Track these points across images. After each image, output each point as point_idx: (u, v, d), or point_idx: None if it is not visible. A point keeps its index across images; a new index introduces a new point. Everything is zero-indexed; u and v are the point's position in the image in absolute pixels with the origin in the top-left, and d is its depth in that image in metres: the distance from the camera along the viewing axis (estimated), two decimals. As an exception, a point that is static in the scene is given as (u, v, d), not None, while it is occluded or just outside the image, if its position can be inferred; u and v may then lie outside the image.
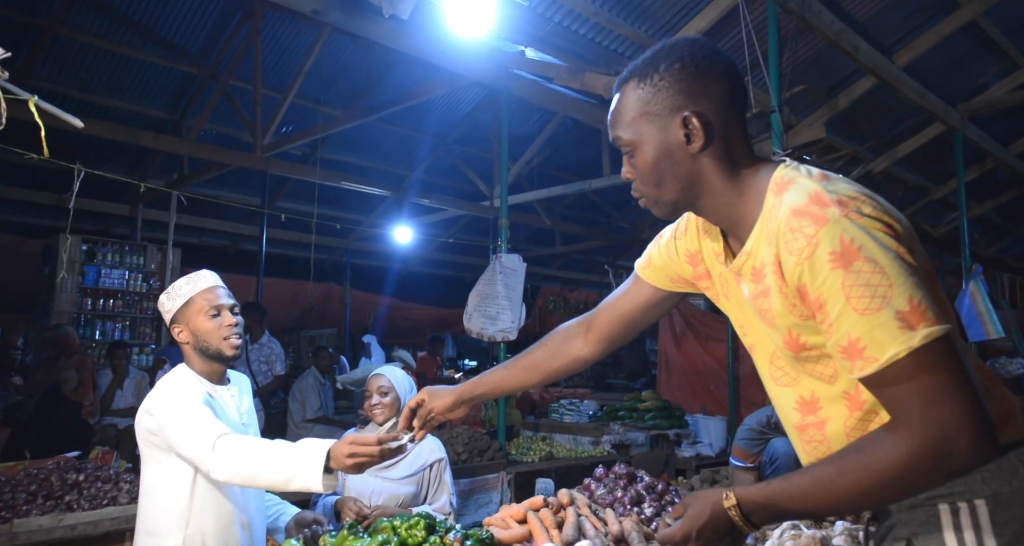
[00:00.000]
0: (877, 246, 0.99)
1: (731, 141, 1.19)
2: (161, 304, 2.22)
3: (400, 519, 1.71)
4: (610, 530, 2.02)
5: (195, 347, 2.15)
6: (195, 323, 2.13)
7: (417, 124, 9.23)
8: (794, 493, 1.07)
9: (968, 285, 5.81)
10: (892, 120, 6.53)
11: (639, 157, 1.22)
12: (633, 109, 1.22)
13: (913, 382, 0.95)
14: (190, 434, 1.90)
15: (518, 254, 5.43)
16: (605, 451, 6.04)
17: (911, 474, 0.96)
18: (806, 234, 1.02)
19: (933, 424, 0.94)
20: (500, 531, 1.93)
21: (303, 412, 6.40)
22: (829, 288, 1.00)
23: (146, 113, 7.88)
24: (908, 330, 0.95)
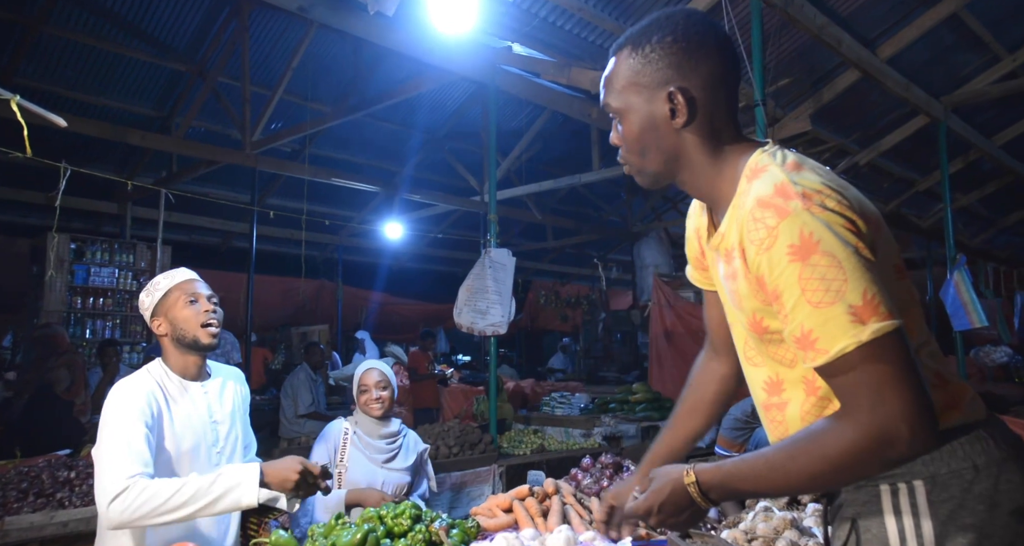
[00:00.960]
0: (836, 240, 1.01)
1: (716, 120, 1.19)
2: (141, 302, 2.23)
3: (386, 508, 1.75)
4: (595, 517, 2.06)
5: (172, 337, 2.15)
6: (173, 312, 2.14)
7: (406, 120, 9.23)
8: (748, 475, 1.11)
9: (952, 275, 5.88)
10: (877, 112, 6.58)
11: (626, 126, 1.24)
12: (623, 78, 1.23)
13: (861, 374, 0.99)
14: (103, 475, 1.85)
15: (508, 249, 5.46)
16: (596, 443, 6.10)
17: (855, 461, 1.00)
18: (768, 225, 1.04)
19: (878, 415, 0.98)
20: (486, 520, 1.97)
21: (295, 408, 6.43)
22: (786, 280, 1.02)
23: (134, 111, 7.85)
24: (859, 324, 0.98)
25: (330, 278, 11.45)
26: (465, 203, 9.55)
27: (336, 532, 1.67)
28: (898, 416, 0.97)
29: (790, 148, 1.19)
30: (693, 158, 1.21)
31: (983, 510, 1.06)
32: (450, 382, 9.31)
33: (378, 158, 9.86)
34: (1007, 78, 6.03)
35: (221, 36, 6.95)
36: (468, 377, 9.69)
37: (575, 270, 15.14)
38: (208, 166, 7.77)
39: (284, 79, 6.90)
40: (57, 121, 2.18)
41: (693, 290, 9.16)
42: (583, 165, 9.07)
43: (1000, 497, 1.07)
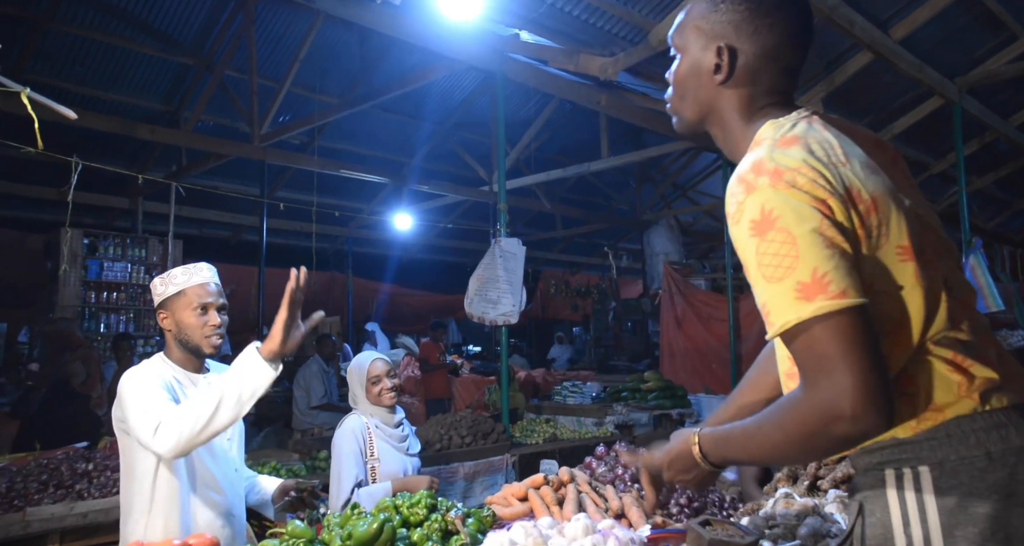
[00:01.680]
0: (794, 217, 1.01)
1: (759, 88, 1.20)
2: (154, 286, 2.23)
3: (401, 497, 1.74)
4: (610, 506, 2.06)
5: (176, 336, 2.18)
6: (181, 315, 2.16)
7: (415, 110, 9.20)
8: (733, 441, 1.15)
9: (968, 259, 5.81)
10: (890, 95, 6.49)
11: (678, 65, 1.27)
12: (691, 18, 1.25)
13: (807, 349, 1.00)
14: (139, 420, 1.91)
15: (518, 238, 5.45)
16: (608, 432, 6.09)
17: (805, 434, 1.01)
18: (737, 200, 1.07)
19: (821, 390, 0.98)
20: (502, 509, 1.97)
21: (308, 399, 6.46)
22: (748, 254, 1.05)
23: (142, 105, 7.87)
24: (803, 301, 0.98)
25: (340, 270, 11.49)
26: (474, 193, 9.53)
27: (352, 522, 1.67)
28: (839, 393, 0.96)
29: (813, 119, 1.15)
30: (726, 117, 1.23)
31: (996, 500, 1.03)
32: (461, 372, 9.32)
33: (386, 149, 9.85)
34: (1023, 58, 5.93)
35: (227, 29, 6.94)
36: (479, 367, 9.71)
37: (584, 259, 15.10)
38: (217, 159, 7.78)
39: (291, 71, 6.89)
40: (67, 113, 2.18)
41: (704, 278, 9.13)
42: (592, 153, 9.02)
43: (1017, 487, 1.04)
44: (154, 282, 2.24)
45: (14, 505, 3.28)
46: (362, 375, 3.06)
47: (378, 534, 1.51)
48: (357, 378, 3.07)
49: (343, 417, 3.09)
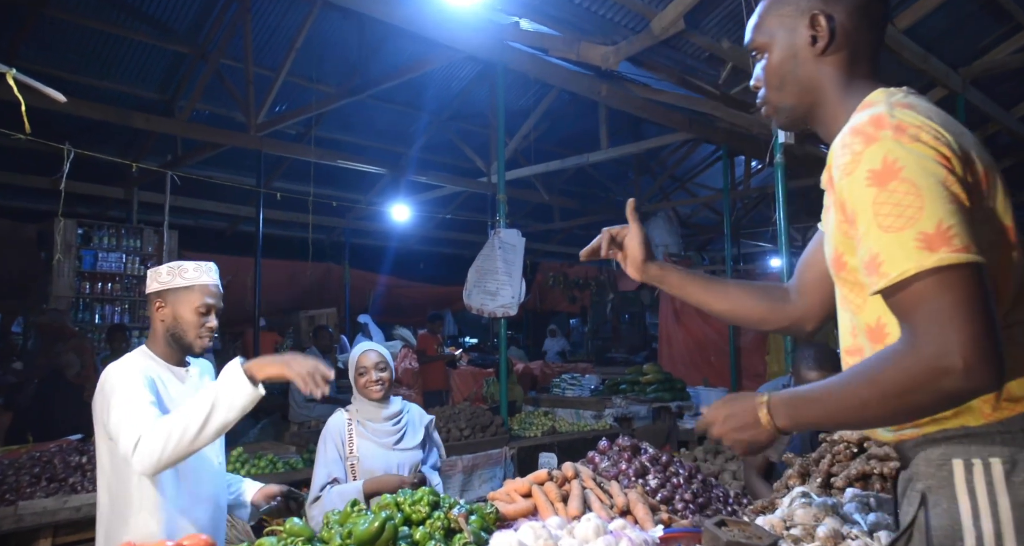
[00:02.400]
0: (920, 169, 1.00)
1: (857, 53, 1.21)
2: (157, 273, 2.18)
3: (403, 495, 1.70)
4: (616, 502, 2.02)
5: (168, 329, 2.15)
6: (181, 310, 2.13)
7: (412, 100, 9.12)
8: (809, 397, 1.11)
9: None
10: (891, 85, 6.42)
11: (767, 60, 1.28)
12: (769, 12, 1.28)
13: (921, 301, 0.97)
14: (120, 428, 1.88)
15: (517, 229, 5.39)
16: (608, 424, 6.07)
17: (906, 387, 0.98)
18: (854, 151, 1.05)
19: (933, 342, 0.96)
20: (505, 505, 1.92)
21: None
22: (862, 204, 1.03)
23: (137, 94, 7.77)
24: (925, 251, 0.97)
25: (337, 261, 11.42)
26: (472, 184, 9.46)
27: (352, 519, 1.62)
28: (954, 346, 0.94)
29: (918, 95, 1.16)
30: (828, 91, 1.23)
31: None
32: (459, 364, 9.29)
33: (384, 140, 9.77)
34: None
35: (223, 17, 6.85)
36: (477, 359, 9.67)
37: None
38: (213, 149, 7.70)
39: (288, 60, 6.81)
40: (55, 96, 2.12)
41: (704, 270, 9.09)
42: (590, 145, 8.95)
43: None
44: (159, 269, 2.19)
45: (6, 499, 3.24)
46: (353, 365, 3.04)
47: (379, 532, 1.46)
48: (351, 368, 3.04)
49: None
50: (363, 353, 3.02)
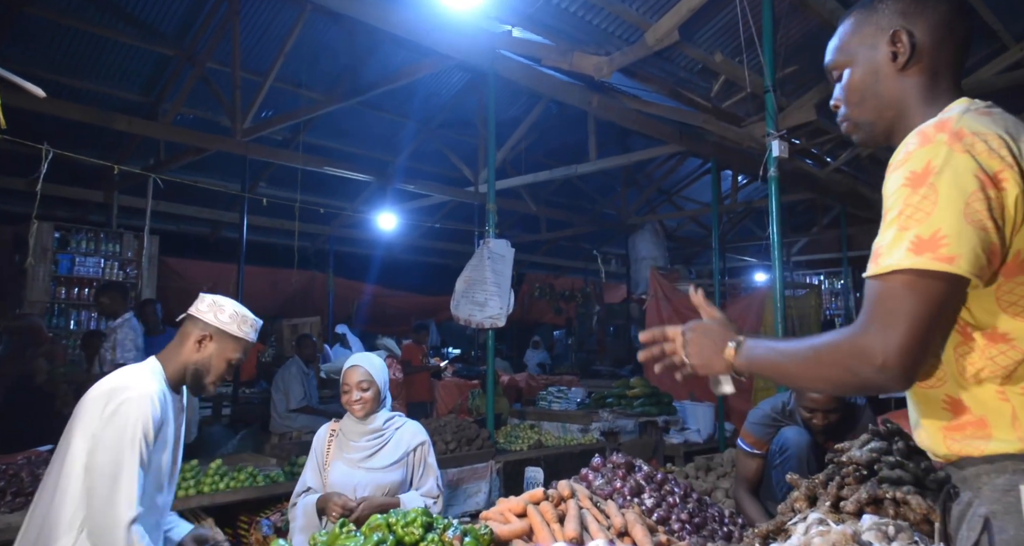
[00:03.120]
0: (952, 180, 1.02)
1: (938, 67, 1.23)
2: (220, 308, 2.17)
3: (394, 515, 1.61)
4: (613, 523, 1.94)
5: (195, 363, 2.12)
6: (220, 353, 2.14)
7: (401, 109, 9.06)
8: (769, 346, 1.22)
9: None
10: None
11: (848, 78, 1.30)
12: (850, 31, 1.31)
13: (883, 298, 1.04)
14: (119, 489, 1.85)
15: (506, 239, 5.32)
16: (594, 439, 5.99)
17: (833, 361, 1.08)
18: (908, 150, 1.09)
19: (871, 334, 1.04)
20: (499, 526, 1.84)
21: (286, 402, 6.27)
22: (894, 202, 1.07)
23: (119, 96, 7.64)
24: (911, 253, 1.02)
25: (321, 269, 11.28)
26: (460, 193, 9.40)
27: (341, 542, 1.54)
28: (883, 344, 1.01)
29: (1000, 110, 1.17)
30: (910, 105, 1.24)
31: None
32: (444, 376, 9.17)
33: (371, 148, 9.69)
34: (1012, 68, 5.93)
35: (211, 20, 6.75)
36: (461, 370, 9.56)
37: (568, 263, 15.02)
38: (197, 154, 7.57)
39: (276, 65, 6.71)
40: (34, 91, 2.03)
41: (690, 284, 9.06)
42: (577, 156, 8.93)
43: None
44: (223, 304, 2.19)
45: (-30, 513, 3.09)
46: (341, 377, 2.96)
47: (370, 557, 1.38)
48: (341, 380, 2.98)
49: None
50: (349, 368, 2.92)
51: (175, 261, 9.31)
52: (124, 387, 1.96)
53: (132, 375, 2.03)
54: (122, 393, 1.93)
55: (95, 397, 1.96)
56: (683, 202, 12.48)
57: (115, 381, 2.00)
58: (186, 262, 9.52)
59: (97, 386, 2.01)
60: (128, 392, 1.94)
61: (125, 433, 1.88)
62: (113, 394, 1.94)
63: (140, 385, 1.98)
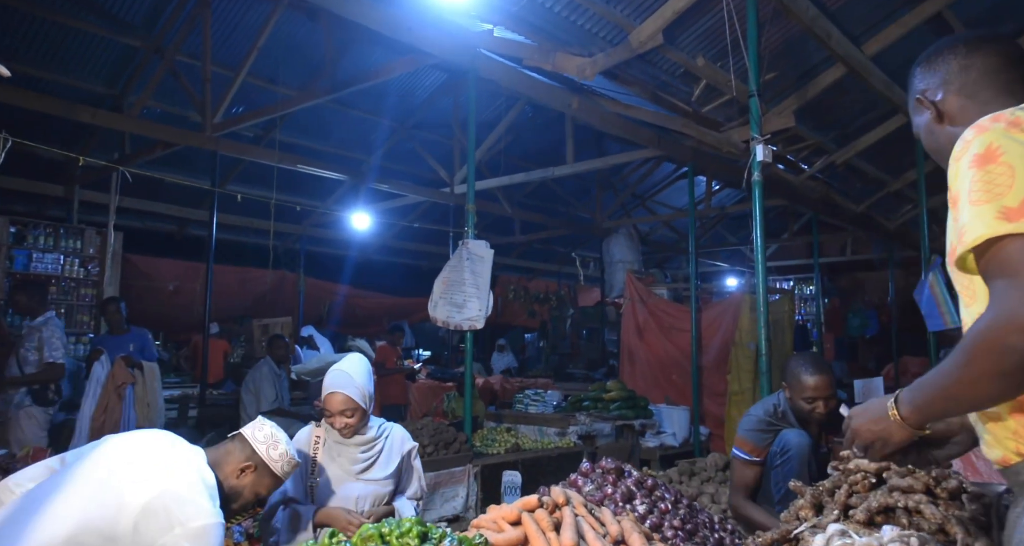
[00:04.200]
0: (1020, 154, 1.05)
1: (977, 100, 1.30)
2: (275, 442, 2.19)
3: (387, 525, 1.53)
4: (609, 531, 1.88)
5: (232, 487, 2.09)
6: (256, 485, 2.16)
7: (375, 108, 8.94)
8: (922, 381, 1.18)
9: (928, 276, 5.89)
10: (856, 111, 6.56)
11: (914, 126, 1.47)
12: (907, 101, 1.49)
13: (997, 264, 1.04)
14: None
15: (485, 240, 5.25)
16: (571, 442, 5.95)
17: (983, 348, 1.03)
18: (965, 139, 1.13)
19: (1003, 301, 1.02)
20: (493, 535, 1.77)
21: (257, 404, 6.10)
22: (963, 185, 1.09)
23: (82, 87, 7.39)
24: (1003, 220, 1.03)
25: (292, 269, 11.06)
26: (435, 194, 9.30)
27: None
28: (1021, 301, 0.99)
29: None
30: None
31: None
32: (418, 378, 9.04)
33: (345, 147, 9.54)
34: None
35: (180, 11, 6.56)
36: (435, 373, 9.44)
37: (542, 265, 14.98)
38: (165, 148, 7.34)
39: (248, 59, 6.55)
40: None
41: (666, 287, 9.09)
42: (552, 159, 8.90)
43: None
44: (279, 440, 2.21)
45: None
46: (322, 395, 2.74)
47: (366, 571, 1.30)
48: (322, 393, 2.76)
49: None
50: (329, 395, 2.67)
51: (140, 258, 9.04)
52: (207, 511, 1.83)
53: (203, 488, 1.89)
54: (207, 516, 1.82)
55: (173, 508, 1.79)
56: (656, 207, 12.55)
57: (189, 489, 1.85)
58: (152, 260, 9.25)
59: (155, 466, 1.87)
60: (213, 518, 1.84)
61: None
62: (197, 512, 1.81)
63: (216, 511, 1.87)
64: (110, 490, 1.76)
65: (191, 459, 1.99)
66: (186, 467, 1.92)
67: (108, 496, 1.75)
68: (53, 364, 5.07)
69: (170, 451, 1.98)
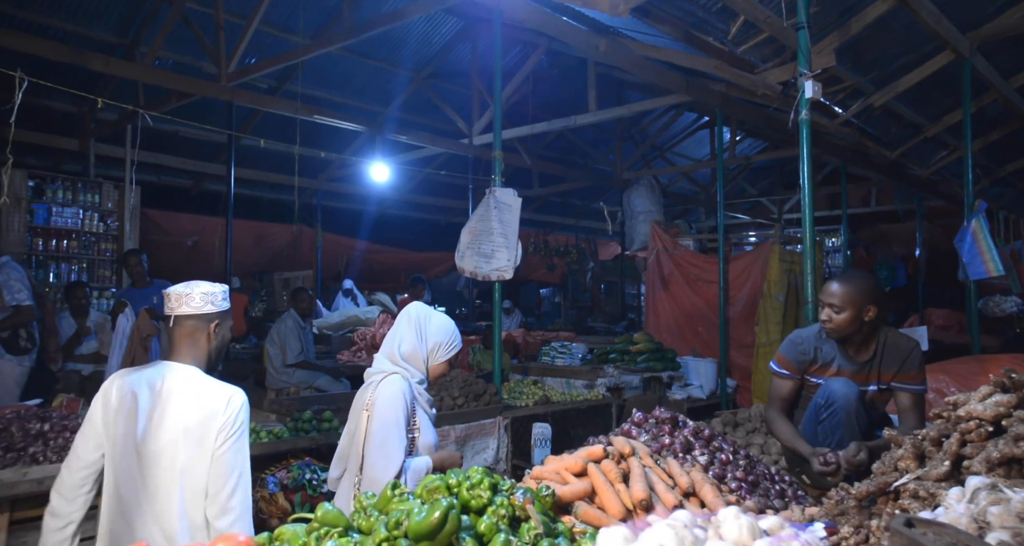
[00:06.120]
0: None
1: None
2: (213, 293, 2.32)
3: (454, 476, 1.43)
4: (678, 483, 1.78)
5: (216, 348, 2.32)
6: (227, 330, 2.37)
7: (391, 57, 8.67)
8: None
9: (971, 222, 5.67)
10: (897, 51, 6.24)
11: None
12: None
13: None
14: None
15: (513, 189, 5.08)
16: (600, 394, 5.89)
17: None
18: None
19: None
20: (559, 487, 1.67)
21: (283, 357, 6.06)
22: None
23: (91, 35, 7.15)
24: None
25: (308, 224, 10.94)
26: (453, 145, 9.07)
27: (394, 505, 1.35)
28: None
29: None
30: None
31: None
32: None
33: (360, 98, 9.30)
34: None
35: (189, -46, 6.30)
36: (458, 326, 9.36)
37: (559, 219, 14.78)
38: (179, 99, 7.15)
39: (261, 6, 6.30)
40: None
41: (692, 238, 8.92)
42: (571, 109, 8.62)
43: None
44: (214, 289, 2.33)
45: (-43, 472, 2.88)
46: (444, 347, 2.66)
47: (440, 525, 1.19)
48: (435, 343, 2.63)
49: (378, 376, 2.57)
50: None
51: (157, 213, 8.95)
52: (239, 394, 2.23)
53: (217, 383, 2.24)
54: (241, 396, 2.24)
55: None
56: (675, 158, 12.25)
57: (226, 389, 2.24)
58: (169, 215, 9.16)
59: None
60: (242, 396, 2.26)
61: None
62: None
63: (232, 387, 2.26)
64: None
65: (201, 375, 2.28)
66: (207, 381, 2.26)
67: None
68: (19, 307, 4.79)
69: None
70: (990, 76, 6.32)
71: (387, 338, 2.66)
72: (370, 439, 2.39)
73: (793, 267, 7.31)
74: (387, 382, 2.51)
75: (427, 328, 2.65)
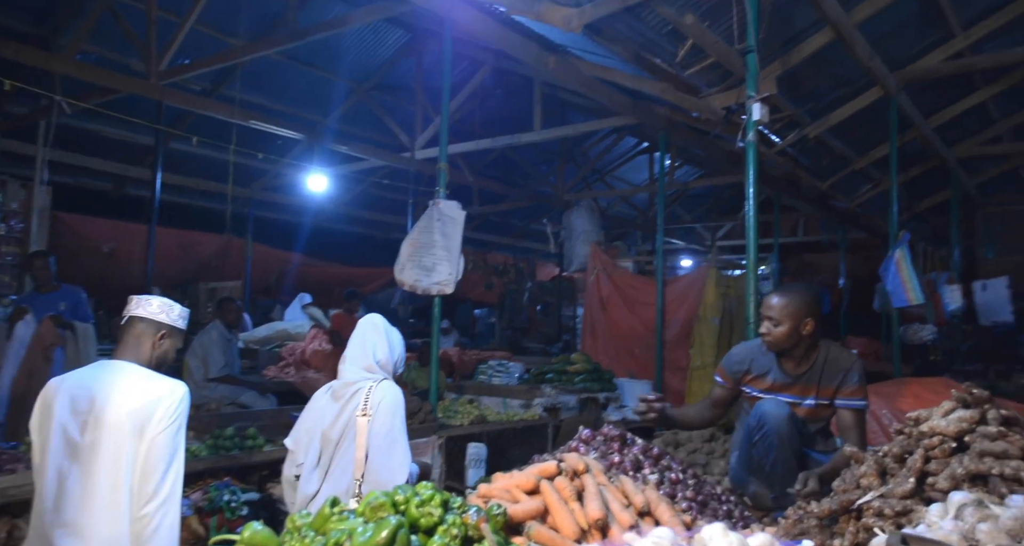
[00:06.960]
0: None
1: None
2: (170, 306, 2.42)
3: (402, 492, 1.28)
4: (633, 502, 1.68)
5: (157, 358, 2.36)
6: (172, 346, 2.44)
7: (333, 66, 8.48)
8: None
9: (895, 251, 5.89)
10: (831, 84, 6.49)
11: None
12: None
13: None
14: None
15: (457, 201, 4.97)
16: (537, 414, 5.78)
17: None
18: None
19: None
20: (510, 505, 1.54)
21: (204, 370, 5.71)
22: None
23: (3, 24, 6.68)
24: None
25: (238, 234, 10.49)
26: (395, 158, 8.91)
27: (333, 525, 1.20)
28: None
29: None
30: None
31: None
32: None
33: (299, 106, 9.03)
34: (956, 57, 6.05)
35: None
36: (391, 344, 9.10)
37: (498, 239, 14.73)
38: (103, 96, 6.75)
39: (198, 4, 6.03)
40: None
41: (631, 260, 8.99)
42: (515, 127, 8.62)
43: None
44: (172, 304, 2.43)
45: None
46: (403, 359, 2.86)
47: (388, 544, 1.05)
48: (400, 354, 2.81)
49: (366, 383, 2.57)
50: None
51: (71, 217, 8.38)
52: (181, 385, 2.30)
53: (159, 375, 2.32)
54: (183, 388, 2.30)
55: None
56: (615, 182, 12.43)
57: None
58: (84, 219, 8.59)
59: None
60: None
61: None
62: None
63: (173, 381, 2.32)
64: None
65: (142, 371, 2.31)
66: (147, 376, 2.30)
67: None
68: None
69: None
70: (912, 114, 6.64)
71: (354, 347, 2.66)
72: (377, 442, 2.33)
73: (729, 291, 7.44)
74: (386, 386, 2.51)
75: (393, 338, 2.73)
